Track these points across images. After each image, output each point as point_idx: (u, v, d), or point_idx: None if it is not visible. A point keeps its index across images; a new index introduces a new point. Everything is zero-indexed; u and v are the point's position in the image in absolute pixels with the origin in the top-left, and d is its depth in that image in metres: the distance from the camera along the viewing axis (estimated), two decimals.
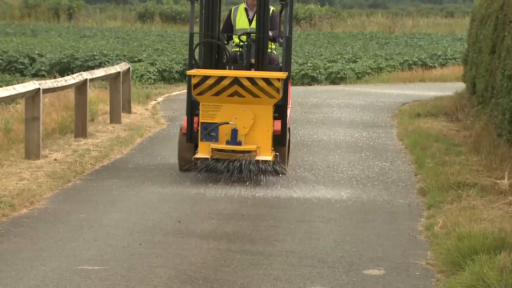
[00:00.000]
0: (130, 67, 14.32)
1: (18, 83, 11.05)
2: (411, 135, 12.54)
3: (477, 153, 10.34)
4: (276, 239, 7.01)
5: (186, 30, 9.71)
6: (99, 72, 12.70)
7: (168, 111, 15.22)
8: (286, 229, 7.38)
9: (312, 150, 11.58)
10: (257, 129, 9.09)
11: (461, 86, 17.39)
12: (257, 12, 9.56)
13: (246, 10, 10.11)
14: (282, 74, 9.29)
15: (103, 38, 33.16)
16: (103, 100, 14.30)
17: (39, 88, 9.96)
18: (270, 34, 9.68)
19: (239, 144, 9.02)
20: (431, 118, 14.35)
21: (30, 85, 9.91)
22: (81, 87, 11.52)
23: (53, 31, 36.51)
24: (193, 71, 9.29)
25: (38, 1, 44.83)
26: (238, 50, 9.89)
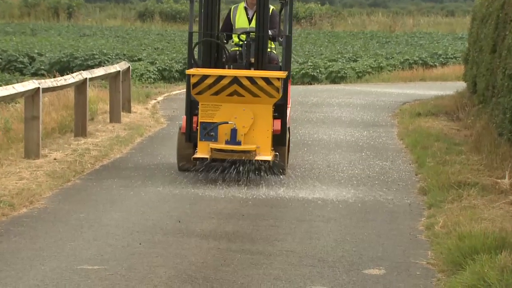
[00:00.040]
0: (130, 66, 14.30)
1: (18, 82, 11.03)
2: (412, 135, 12.52)
3: (478, 152, 10.32)
4: (276, 239, 7.00)
5: (186, 29, 9.68)
6: (99, 71, 12.69)
7: (168, 111, 15.21)
8: (286, 228, 7.36)
9: (312, 150, 11.57)
10: (256, 128, 9.06)
11: (461, 85, 17.37)
12: (256, 11, 9.53)
13: (245, 9, 10.09)
14: (282, 74, 9.27)
15: (103, 37, 33.14)
16: (103, 99, 14.28)
17: (39, 87, 9.94)
18: (270, 33, 9.64)
19: (239, 144, 8.99)
20: (432, 117, 14.33)
21: (30, 84, 9.90)
22: (80, 86, 11.51)
23: (52, 30, 36.48)
24: (192, 70, 9.26)
25: (38, 0, 44.82)
26: (238, 49, 9.86)
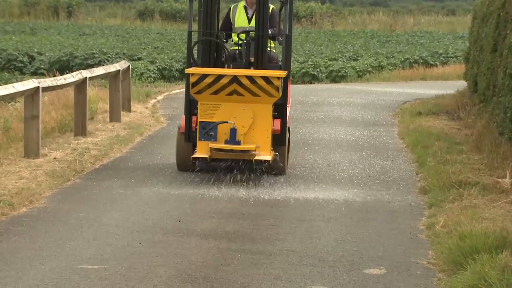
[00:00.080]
0: (129, 66, 14.28)
1: (18, 82, 11.02)
2: (412, 134, 12.51)
3: (478, 151, 10.31)
4: (276, 238, 6.99)
5: (186, 28, 9.61)
6: (99, 70, 12.67)
7: (168, 110, 15.19)
8: (286, 228, 7.35)
9: (312, 149, 11.55)
10: (256, 128, 9.01)
11: (462, 84, 17.34)
12: (256, 10, 9.49)
13: (245, 8, 10.06)
14: (282, 73, 9.23)
15: (103, 36, 33.12)
16: (103, 98, 14.26)
17: (39, 86, 9.92)
18: (270, 32, 9.61)
19: (238, 143, 8.95)
20: (433, 117, 14.31)
21: (30, 83, 9.88)
22: (80, 86, 11.49)
23: (52, 29, 36.44)
24: (191, 70, 9.22)
25: None
26: (237, 48, 9.83)
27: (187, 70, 9.24)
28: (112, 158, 10.45)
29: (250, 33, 9.62)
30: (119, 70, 13.24)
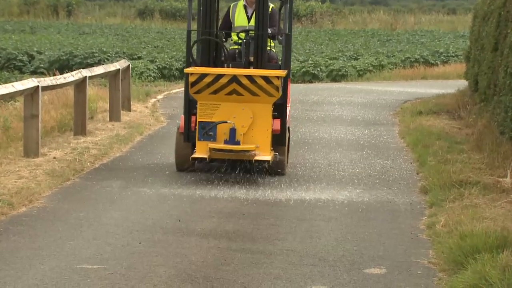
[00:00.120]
0: (129, 65, 14.26)
1: (17, 81, 11.00)
2: (413, 133, 12.49)
3: (479, 151, 10.29)
4: (276, 238, 6.97)
5: (186, 27, 9.56)
6: (99, 69, 12.65)
7: (168, 109, 15.17)
8: (286, 227, 7.33)
9: (313, 148, 11.53)
10: (256, 128, 8.97)
11: (463, 83, 17.32)
12: (256, 9, 9.47)
13: (245, 7, 10.02)
14: (282, 72, 9.19)
15: (103, 35, 33.08)
16: (103, 97, 14.24)
17: (38, 85, 9.91)
18: (269, 32, 9.58)
19: (238, 143, 8.90)
20: (433, 116, 14.29)
21: (29, 82, 9.87)
22: (80, 85, 11.47)
23: (52, 28, 36.39)
24: (190, 69, 9.18)
25: None
26: (237, 47, 9.79)
27: (186, 70, 9.20)
28: (112, 158, 10.43)
29: (250, 32, 9.59)
30: (119, 69, 13.22)
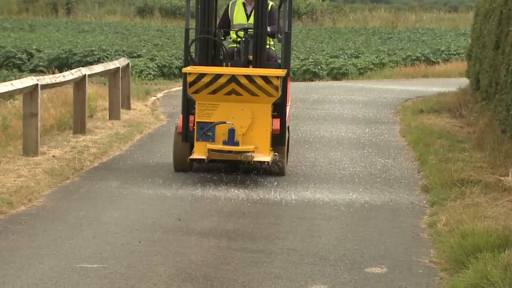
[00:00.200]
0: (129, 63, 14.23)
1: (16, 79, 10.97)
2: (414, 132, 12.46)
3: (481, 149, 10.26)
4: (277, 237, 6.94)
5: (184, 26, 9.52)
6: (98, 67, 12.61)
7: (167, 107, 15.14)
8: (287, 226, 7.30)
9: (313, 147, 11.50)
10: (255, 128, 8.88)
11: (464, 81, 17.28)
12: (255, 7, 9.40)
13: (244, 4, 9.96)
14: (281, 72, 9.10)
15: (102, 33, 33.05)
16: (102, 96, 14.21)
17: (37, 84, 9.88)
18: (269, 30, 9.52)
19: (237, 144, 8.80)
20: (434, 114, 14.26)
21: (28, 80, 9.83)
22: (79, 83, 11.44)
23: (51, 26, 36.35)
24: (188, 69, 9.09)
25: None
26: (236, 46, 9.73)
27: (184, 69, 9.11)
28: (111, 156, 10.40)
29: (249, 30, 9.53)
30: (119, 67, 13.18)
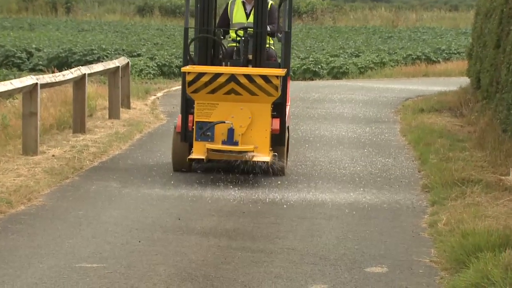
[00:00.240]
0: (129, 62, 14.21)
1: (16, 78, 10.95)
2: (415, 131, 12.44)
3: (481, 149, 10.24)
4: (277, 236, 6.93)
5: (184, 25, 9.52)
6: (98, 66, 12.60)
7: (167, 107, 15.13)
8: (287, 226, 7.29)
9: (314, 146, 11.49)
10: (254, 128, 8.85)
11: (465, 81, 17.27)
12: (255, 5, 9.38)
13: (243, 3, 9.94)
14: (281, 71, 9.06)
15: (102, 32, 33.03)
16: (102, 95, 14.20)
17: (37, 83, 9.86)
18: (268, 29, 9.50)
19: (236, 144, 8.77)
20: (435, 114, 14.24)
21: (28, 80, 9.82)
22: (79, 82, 11.43)
23: (51, 25, 36.33)
24: (187, 68, 9.06)
25: None
26: (235, 45, 9.70)
27: (183, 69, 9.08)
28: (111, 156, 10.39)
29: (248, 29, 9.50)
30: (118, 66, 13.17)
